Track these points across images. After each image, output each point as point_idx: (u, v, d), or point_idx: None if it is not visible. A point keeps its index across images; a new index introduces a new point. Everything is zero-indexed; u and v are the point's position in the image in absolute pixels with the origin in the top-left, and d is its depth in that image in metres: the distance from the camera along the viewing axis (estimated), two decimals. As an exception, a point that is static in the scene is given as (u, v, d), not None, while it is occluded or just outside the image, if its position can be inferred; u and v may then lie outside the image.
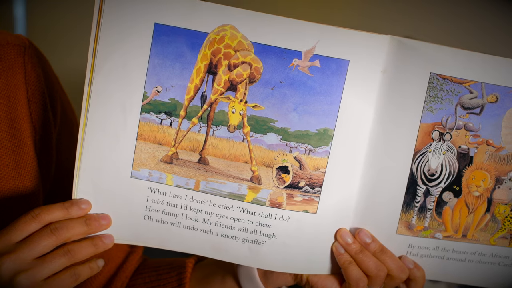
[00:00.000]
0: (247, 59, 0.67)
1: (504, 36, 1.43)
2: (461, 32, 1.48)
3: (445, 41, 0.70)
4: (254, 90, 0.68)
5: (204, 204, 0.70)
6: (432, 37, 1.25)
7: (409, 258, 0.73)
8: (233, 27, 0.66)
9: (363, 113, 0.69)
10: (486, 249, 0.75)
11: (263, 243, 0.71)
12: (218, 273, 0.81)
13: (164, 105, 0.68)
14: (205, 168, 0.70)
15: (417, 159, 0.70)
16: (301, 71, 0.67)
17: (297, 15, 0.66)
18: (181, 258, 0.84)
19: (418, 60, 0.67)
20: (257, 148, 0.69)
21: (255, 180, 0.69)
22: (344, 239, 0.71)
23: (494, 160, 0.71)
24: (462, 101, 0.69)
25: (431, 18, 1.52)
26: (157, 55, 0.67)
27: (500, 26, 1.45)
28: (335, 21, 1.56)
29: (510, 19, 1.44)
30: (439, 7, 1.51)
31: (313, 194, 0.70)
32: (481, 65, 0.68)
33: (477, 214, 0.73)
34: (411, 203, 0.72)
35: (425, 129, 0.70)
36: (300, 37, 0.66)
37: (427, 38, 0.69)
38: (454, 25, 1.50)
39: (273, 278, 0.77)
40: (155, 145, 0.69)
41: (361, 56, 0.67)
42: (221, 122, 0.69)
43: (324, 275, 0.74)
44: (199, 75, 0.68)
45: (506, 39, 1.42)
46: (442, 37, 1.45)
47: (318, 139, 0.68)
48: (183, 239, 0.71)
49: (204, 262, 0.85)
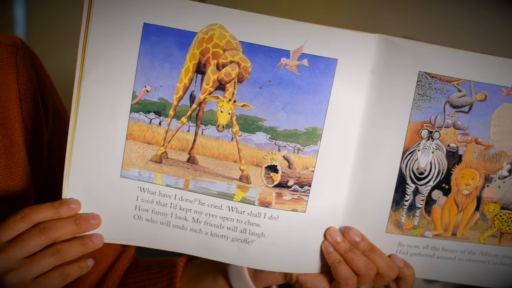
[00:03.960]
0: (236, 59, 0.67)
1: (493, 35, 1.43)
2: (453, 31, 1.48)
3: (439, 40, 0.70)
4: (242, 89, 0.68)
5: (193, 204, 0.70)
6: (427, 36, 1.25)
7: (399, 256, 0.73)
8: (221, 26, 0.66)
9: (351, 112, 0.69)
10: (476, 247, 0.75)
11: (252, 242, 0.71)
12: (209, 272, 0.81)
13: (153, 104, 0.69)
14: (194, 168, 0.70)
15: (406, 157, 0.70)
16: (290, 70, 0.67)
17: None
18: (172, 257, 0.84)
19: (407, 58, 0.67)
20: (246, 147, 0.69)
21: (244, 179, 0.70)
22: (333, 238, 0.71)
23: (483, 158, 0.71)
24: (451, 99, 0.69)
25: (427, 17, 1.52)
26: (146, 55, 0.67)
27: (490, 24, 1.45)
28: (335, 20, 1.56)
29: (501, 18, 1.44)
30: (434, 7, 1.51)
31: (302, 193, 0.70)
32: (469, 64, 0.68)
33: (466, 213, 0.73)
34: (400, 202, 0.72)
35: (414, 127, 0.70)
36: (288, 36, 0.66)
37: (423, 37, 0.69)
38: (446, 24, 1.50)
39: (263, 277, 0.77)
40: (144, 144, 0.69)
41: (350, 55, 0.67)
42: (210, 122, 0.69)
43: (313, 274, 0.74)
44: (188, 74, 0.68)
45: (495, 37, 1.42)
46: (436, 35, 1.45)
47: (307, 138, 0.68)
48: (173, 238, 0.71)
49: (195, 262, 0.85)
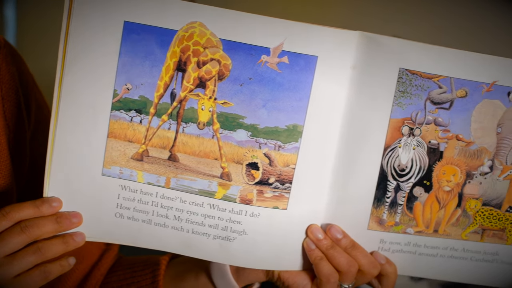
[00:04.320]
0: (216, 56, 0.67)
1: (474, 31, 1.43)
2: (437, 29, 1.48)
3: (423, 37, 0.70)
4: (223, 87, 0.68)
5: (174, 201, 0.70)
6: (412, 33, 1.25)
7: (381, 253, 0.73)
8: (201, 24, 0.66)
9: (332, 109, 0.69)
10: (458, 244, 0.75)
11: (233, 240, 0.71)
12: (191, 270, 0.81)
13: (134, 102, 0.68)
14: (175, 165, 0.70)
15: (387, 154, 0.71)
16: (270, 67, 0.67)
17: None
18: (155, 255, 0.84)
19: (387, 55, 0.68)
20: (227, 144, 0.69)
21: (225, 176, 0.70)
22: (315, 235, 0.71)
23: (464, 154, 0.71)
24: (432, 96, 0.69)
25: (416, 15, 1.52)
26: (127, 53, 0.67)
27: (471, 21, 1.45)
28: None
29: (482, 15, 1.44)
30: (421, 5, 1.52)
31: (283, 190, 0.70)
32: (450, 60, 0.68)
33: (448, 209, 0.73)
34: (381, 199, 0.72)
35: (395, 124, 0.70)
36: (268, 33, 0.66)
37: (409, 35, 0.69)
38: (431, 22, 1.50)
39: (245, 275, 0.77)
40: (125, 142, 0.69)
41: (330, 52, 0.67)
42: (190, 119, 0.69)
43: (295, 271, 0.74)
44: (169, 72, 0.68)
45: (476, 34, 1.43)
46: (421, 33, 1.46)
47: (288, 135, 0.68)
48: (154, 236, 0.71)
49: (178, 260, 0.85)
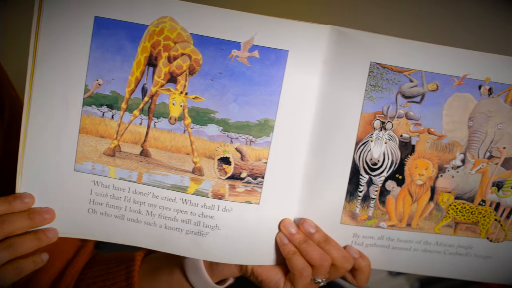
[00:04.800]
0: (187, 51, 0.67)
1: (444, 25, 1.43)
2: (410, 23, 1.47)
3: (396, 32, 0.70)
4: (194, 81, 0.68)
5: (147, 197, 0.70)
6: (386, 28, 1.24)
7: (354, 247, 0.73)
8: (172, 19, 0.66)
9: (304, 103, 0.69)
10: (431, 237, 0.75)
11: (206, 235, 0.71)
12: (166, 266, 0.81)
13: (105, 98, 0.68)
14: (147, 160, 0.70)
15: (359, 148, 0.71)
16: (240, 62, 0.67)
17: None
18: (130, 252, 0.84)
19: (358, 49, 0.68)
20: (198, 139, 0.69)
21: (197, 171, 0.70)
22: (287, 230, 0.71)
23: (436, 148, 0.71)
24: (403, 89, 0.69)
25: (389, 10, 1.52)
26: (98, 48, 0.67)
27: (442, 15, 1.44)
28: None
29: (454, 9, 1.44)
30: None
31: (255, 184, 0.70)
32: (421, 54, 0.68)
33: (420, 203, 0.73)
34: (354, 193, 0.72)
35: (367, 118, 0.70)
36: (239, 28, 0.66)
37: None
38: (402, 16, 1.50)
39: (219, 270, 0.77)
40: (97, 138, 0.69)
41: (301, 47, 0.67)
42: (162, 114, 0.69)
43: (268, 266, 0.74)
44: (140, 67, 0.68)
45: (445, 28, 1.42)
46: (393, 27, 1.46)
47: (259, 129, 0.68)
48: (127, 231, 0.71)
49: (153, 256, 0.85)
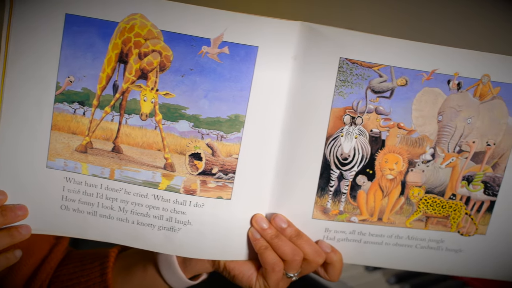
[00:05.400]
0: (157, 48, 0.67)
1: (413, 20, 1.43)
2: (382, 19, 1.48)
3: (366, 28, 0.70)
4: (164, 78, 0.68)
5: (119, 193, 0.71)
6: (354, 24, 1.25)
7: (326, 242, 0.74)
8: (142, 16, 0.67)
9: (275, 99, 0.69)
10: (402, 232, 0.75)
11: (178, 230, 0.71)
12: (140, 262, 0.81)
13: (77, 95, 0.69)
14: (119, 157, 0.70)
15: (330, 143, 0.71)
16: (211, 58, 0.67)
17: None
18: (105, 248, 0.84)
19: (328, 45, 0.68)
20: (170, 135, 0.69)
21: (169, 167, 0.70)
22: (259, 225, 0.71)
23: (406, 143, 0.72)
24: (372, 85, 0.70)
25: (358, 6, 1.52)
26: (69, 45, 0.67)
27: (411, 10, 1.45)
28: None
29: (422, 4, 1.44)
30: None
31: (226, 180, 0.70)
32: (390, 49, 0.69)
33: (391, 197, 0.74)
34: (325, 188, 0.72)
35: (337, 113, 0.70)
36: (209, 24, 0.67)
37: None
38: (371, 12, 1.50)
39: (192, 265, 0.77)
40: (69, 135, 0.70)
41: (271, 43, 0.67)
42: (133, 111, 0.69)
43: (241, 261, 0.74)
44: (111, 64, 0.68)
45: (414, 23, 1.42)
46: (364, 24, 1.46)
47: (230, 125, 0.69)
48: (100, 228, 0.71)
49: (127, 252, 0.85)
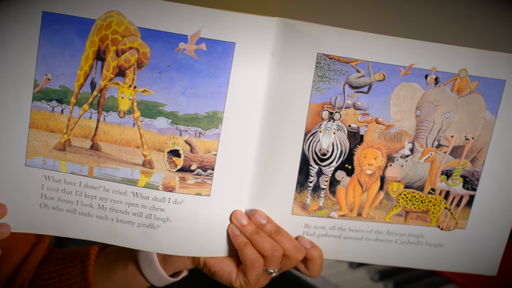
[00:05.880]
0: (135, 45, 0.68)
1: (391, 15, 1.43)
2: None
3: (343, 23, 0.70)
4: (142, 75, 0.68)
5: (98, 190, 0.70)
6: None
7: (306, 238, 0.74)
8: (119, 13, 0.67)
9: (253, 95, 0.69)
10: (382, 227, 0.75)
11: (158, 227, 0.71)
12: (120, 259, 0.81)
13: (54, 92, 0.69)
14: (97, 154, 0.70)
15: (308, 139, 0.71)
16: (188, 54, 0.67)
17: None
18: (86, 246, 0.84)
19: (306, 41, 0.68)
20: (148, 132, 0.69)
21: (147, 164, 0.70)
22: (239, 221, 0.71)
23: (384, 138, 0.72)
24: (350, 80, 0.70)
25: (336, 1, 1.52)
26: (46, 43, 0.67)
27: (388, 5, 1.45)
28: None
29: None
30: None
31: (205, 176, 0.70)
32: (367, 44, 0.69)
33: (370, 192, 0.74)
34: (304, 183, 0.72)
35: (315, 109, 0.70)
36: (186, 21, 0.67)
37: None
38: (349, 7, 1.50)
39: (172, 262, 0.77)
40: (47, 132, 0.70)
41: (248, 39, 0.67)
42: (111, 108, 0.69)
43: (221, 258, 0.74)
44: (88, 61, 0.68)
45: (392, 18, 1.42)
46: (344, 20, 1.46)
47: (208, 121, 0.69)
48: (80, 225, 0.71)
49: (108, 249, 0.85)
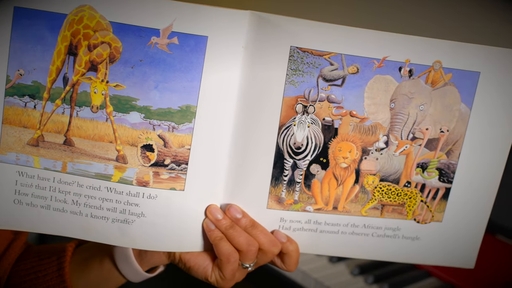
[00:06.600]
0: (106, 39, 0.67)
1: (363, 7, 1.43)
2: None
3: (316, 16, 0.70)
4: (114, 69, 0.68)
5: (72, 186, 0.70)
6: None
7: (282, 232, 0.74)
8: (91, 7, 0.66)
9: (227, 89, 0.69)
10: (358, 220, 0.75)
11: (132, 222, 0.71)
12: (96, 255, 0.81)
13: (27, 88, 0.68)
14: (71, 150, 0.70)
15: (282, 133, 0.71)
16: (160, 48, 0.67)
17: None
18: (63, 243, 0.84)
19: (278, 34, 0.68)
20: (121, 127, 0.69)
21: (121, 159, 0.70)
22: (214, 215, 0.71)
23: (359, 131, 0.72)
24: (323, 73, 0.70)
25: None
26: (18, 38, 0.67)
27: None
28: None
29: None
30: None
31: (179, 171, 0.70)
32: (340, 37, 0.68)
33: (346, 186, 0.73)
34: (279, 177, 0.72)
35: (289, 102, 0.70)
36: (158, 15, 0.66)
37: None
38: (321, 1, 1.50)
39: (147, 258, 0.77)
40: (20, 128, 0.69)
41: (221, 32, 0.67)
42: (84, 103, 0.69)
43: (196, 252, 0.74)
44: (60, 56, 0.68)
45: (364, 10, 1.42)
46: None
47: (181, 116, 0.69)
48: (54, 221, 0.71)
49: (85, 246, 0.84)
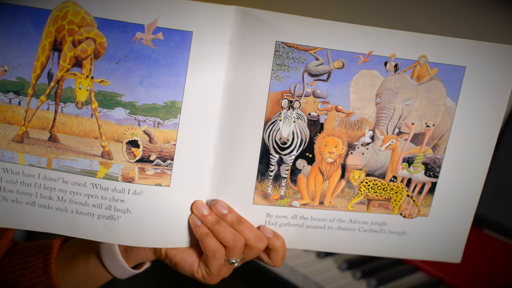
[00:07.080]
0: (91, 35, 0.67)
1: (347, 1, 1.42)
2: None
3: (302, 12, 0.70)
4: (99, 65, 0.68)
5: (57, 182, 0.70)
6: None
7: (268, 227, 0.74)
8: (75, 3, 0.66)
9: (212, 85, 0.69)
10: (345, 215, 0.75)
11: (118, 219, 0.71)
12: (83, 251, 0.81)
13: (11, 84, 0.68)
14: (56, 146, 0.70)
15: (268, 128, 0.71)
16: (145, 44, 0.67)
17: None
18: (49, 239, 0.84)
19: (264, 29, 0.68)
20: (106, 123, 0.69)
21: (106, 155, 0.69)
22: (200, 211, 0.71)
23: (344, 126, 0.72)
24: (309, 68, 0.70)
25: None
26: (2, 34, 0.67)
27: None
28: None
29: None
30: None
31: (165, 167, 0.70)
32: (325, 32, 0.68)
33: (332, 181, 0.73)
34: (265, 172, 0.72)
35: (274, 97, 0.70)
36: (142, 10, 0.66)
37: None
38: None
39: (134, 254, 0.77)
40: (5, 125, 0.69)
41: (206, 28, 0.67)
42: (69, 99, 0.69)
43: (182, 248, 0.74)
44: (45, 52, 0.68)
45: (349, 4, 1.41)
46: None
47: (166, 111, 0.68)
48: (39, 218, 0.71)
49: (71, 242, 0.84)
